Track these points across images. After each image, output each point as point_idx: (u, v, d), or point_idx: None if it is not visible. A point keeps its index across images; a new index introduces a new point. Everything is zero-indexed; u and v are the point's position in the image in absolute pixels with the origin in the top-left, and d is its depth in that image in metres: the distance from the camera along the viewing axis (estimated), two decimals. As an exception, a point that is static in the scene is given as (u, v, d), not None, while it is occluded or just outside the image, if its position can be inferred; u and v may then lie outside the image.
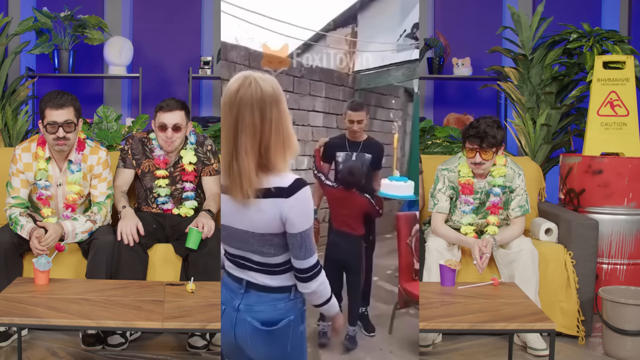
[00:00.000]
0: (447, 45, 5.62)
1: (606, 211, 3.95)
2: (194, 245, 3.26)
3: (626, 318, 3.26)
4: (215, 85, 5.90)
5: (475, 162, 3.40)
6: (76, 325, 2.64)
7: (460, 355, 3.33)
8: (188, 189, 3.56)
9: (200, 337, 3.27)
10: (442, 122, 5.69)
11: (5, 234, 3.26)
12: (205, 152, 3.59)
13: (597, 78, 4.18)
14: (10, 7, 5.67)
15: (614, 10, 5.90)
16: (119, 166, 3.59)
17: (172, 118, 3.42)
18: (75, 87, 5.77)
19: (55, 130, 3.22)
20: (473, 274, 3.38)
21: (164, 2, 5.85)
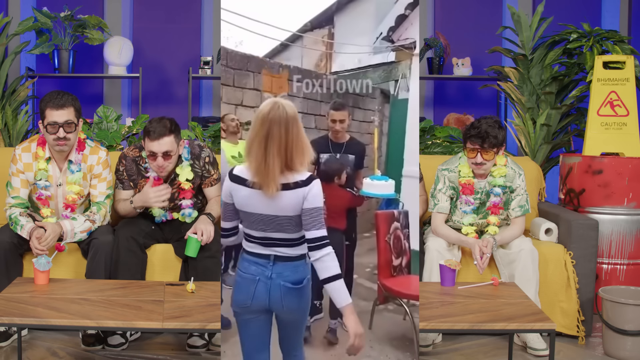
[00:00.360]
0: (447, 45, 5.62)
1: (606, 211, 3.95)
2: (194, 253, 3.23)
3: (626, 318, 3.26)
4: (215, 85, 5.90)
5: (476, 162, 3.39)
6: (76, 325, 2.64)
7: (460, 355, 3.33)
8: (185, 206, 3.46)
9: (199, 336, 3.27)
10: (442, 122, 5.69)
11: (5, 234, 3.26)
12: (203, 165, 3.46)
13: (597, 78, 4.18)
14: (10, 7, 5.67)
15: (614, 10, 5.90)
16: (117, 187, 3.50)
17: (161, 146, 3.26)
18: (75, 87, 5.77)
19: (55, 130, 3.22)
20: (473, 274, 3.38)
21: (164, 2, 5.85)
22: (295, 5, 3.10)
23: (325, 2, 3.31)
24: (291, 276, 1.93)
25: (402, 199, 2.99)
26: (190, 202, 3.46)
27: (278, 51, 3.16)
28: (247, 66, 3.08)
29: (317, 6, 3.29)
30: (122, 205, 3.46)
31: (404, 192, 3.03)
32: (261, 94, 3.03)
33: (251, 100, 3.12)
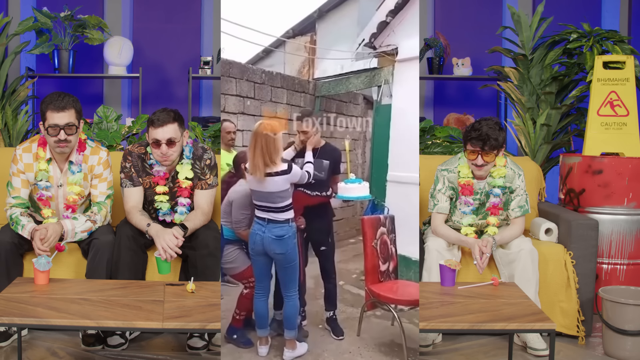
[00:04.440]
0: (447, 45, 5.63)
1: (606, 211, 3.95)
2: (166, 271, 3.12)
3: (626, 318, 3.26)
4: (215, 85, 5.91)
5: (476, 164, 3.40)
6: (76, 325, 2.64)
7: (460, 355, 3.33)
8: (181, 205, 3.43)
9: (199, 337, 3.27)
10: (442, 122, 5.70)
11: (5, 234, 3.26)
12: (202, 167, 3.43)
13: (597, 78, 4.18)
14: (10, 7, 5.68)
15: (614, 10, 5.91)
16: (126, 186, 3.40)
17: (165, 133, 3.26)
18: (75, 87, 5.78)
19: (56, 132, 3.22)
20: (473, 274, 3.38)
21: (164, 2, 5.85)
22: (277, 12, 3.15)
23: (307, 10, 3.40)
24: (277, 232, 2.70)
25: (388, 204, 3.04)
26: (187, 202, 3.44)
27: (260, 58, 3.33)
28: (229, 72, 3.10)
29: (299, 13, 3.39)
30: (135, 217, 3.33)
31: (389, 197, 3.10)
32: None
33: (233, 106, 3.14)
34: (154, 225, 3.26)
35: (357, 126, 3.01)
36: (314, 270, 3.00)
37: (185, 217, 3.38)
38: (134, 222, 3.33)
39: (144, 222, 3.29)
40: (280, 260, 2.76)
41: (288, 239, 2.73)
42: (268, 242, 2.72)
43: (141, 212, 3.37)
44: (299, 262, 2.80)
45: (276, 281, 2.88)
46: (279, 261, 2.77)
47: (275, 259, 2.77)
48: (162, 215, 3.47)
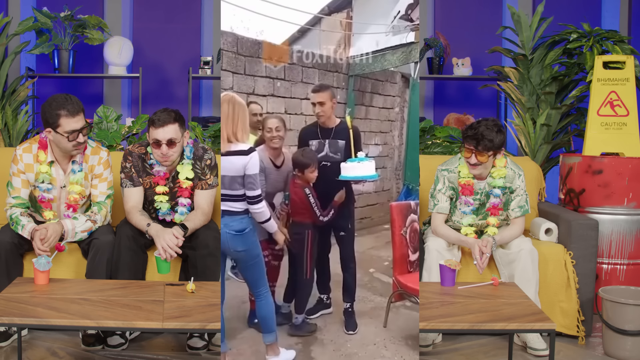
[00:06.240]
0: (447, 45, 5.63)
1: (606, 211, 3.95)
2: (166, 271, 3.12)
3: (626, 318, 3.26)
4: (215, 85, 5.91)
5: (470, 162, 3.40)
6: (76, 325, 2.64)
7: (460, 355, 3.33)
8: (181, 205, 3.42)
9: (199, 337, 3.27)
10: (442, 122, 5.70)
11: (5, 234, 3.26)
12: (203, 167, 3.42)
13: (597, 78, 4.18)
14: (10, 7, 5.68)
15: (614, 10, 5.91)
16: (126, 186, 3.40)
17: (165, 133, 3.24)
18: (75, 87, 5.78)
19: (75, 137, 3.23)
20: (473, 274, 3.38)
21: (164, 2, 5.85)
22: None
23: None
24: (235, 226, 2.50)
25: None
26: (188, 202, 3.44)
27: (296, 38, 3.04)
28: (258, 53, 2.97)
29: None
30: (135, 217, 3.33)
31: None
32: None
33: (263, 89, 3.02)
34: (154, 225, 3.26)
35: (394, 105, 2.84)
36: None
37: (185, 217, 3.38)
38: (134, 222, 3.32)
39: (144, 222, 3.28)
40: (242, 259, 2.56)
41: (248, 233, 2.53)
42: (228, 240, 2.51)
43: (141, 212, 3.37)
44: (261, 255, 2.61)
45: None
46: (241, 260, 2.58)
47: (237, 258, 2.58)
48: (162, 215, 3.47)
